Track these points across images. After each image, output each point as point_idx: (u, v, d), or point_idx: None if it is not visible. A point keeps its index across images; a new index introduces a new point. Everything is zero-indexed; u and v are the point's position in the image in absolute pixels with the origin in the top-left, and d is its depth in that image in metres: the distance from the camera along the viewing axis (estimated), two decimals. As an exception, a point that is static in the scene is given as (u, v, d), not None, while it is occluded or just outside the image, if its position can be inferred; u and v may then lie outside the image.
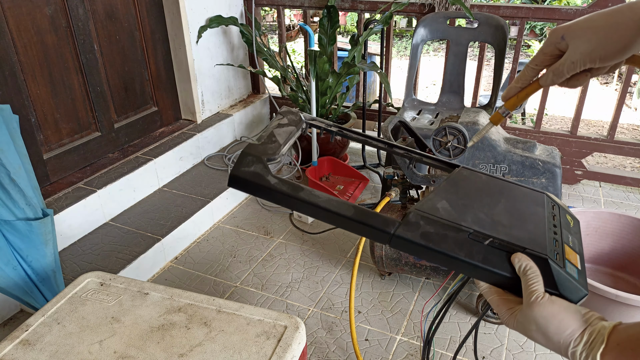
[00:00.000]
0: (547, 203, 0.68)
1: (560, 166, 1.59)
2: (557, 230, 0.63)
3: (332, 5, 2.56)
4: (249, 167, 0.70)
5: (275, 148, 0.75)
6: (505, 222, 0.63)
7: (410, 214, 0.62)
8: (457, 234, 0.60)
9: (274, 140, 0.77)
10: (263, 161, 0.71)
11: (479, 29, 2.33)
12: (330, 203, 0.65)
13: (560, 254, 0.59)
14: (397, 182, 1.83)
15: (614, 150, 2.55)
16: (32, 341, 1.14)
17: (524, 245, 0.58)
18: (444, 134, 1.58)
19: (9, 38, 1.88)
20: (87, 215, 2.10)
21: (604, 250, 2.01)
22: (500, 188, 0.71)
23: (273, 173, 0.70)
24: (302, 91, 2.80)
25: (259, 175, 0.69)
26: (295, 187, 0.67)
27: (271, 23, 8.05)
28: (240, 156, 0.72)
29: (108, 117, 2.39)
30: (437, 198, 0.66)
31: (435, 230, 0.61)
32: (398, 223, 0.62)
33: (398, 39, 7.85)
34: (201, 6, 2.68)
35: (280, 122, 0.83)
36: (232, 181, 0.70)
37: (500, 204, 0.67)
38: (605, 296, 1.59)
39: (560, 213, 0.68)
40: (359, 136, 0.88)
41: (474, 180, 0.73)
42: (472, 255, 0.59)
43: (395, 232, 0.61)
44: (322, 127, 0.88)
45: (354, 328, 1.67)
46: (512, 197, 0.69)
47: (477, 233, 0.60)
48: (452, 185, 0.71)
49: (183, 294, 1.27)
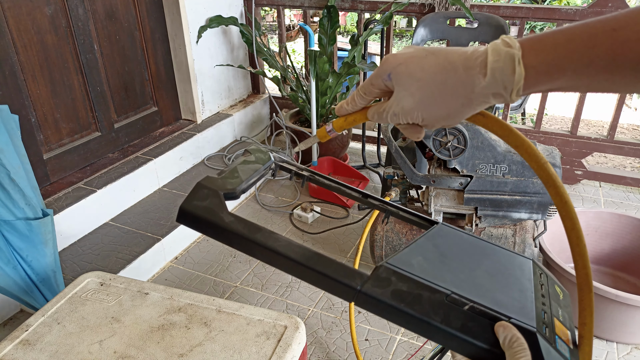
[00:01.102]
0: (534, 270, 0.61)
1: (560, 166, 1.59)
2: (545, 302, 0.56)
3: (332, 5, 2.56)
4: (203, 202, 0.61)
5: (235, 183, 0.66)
6: (489, 286, 0.56)
7: (381, 268, 0.55)
8: (433, 295, 0.52)
9: (236, 175, 0.68)
10: (220, 195, 0.62)
11: (479, 29, 2.33)
12: (289, 249, 0.57)
13: (550, 328, 0.52)
14: (397, 182, 1.83)
15: (614, 150, 2.55)
16: (32, 341, 1.14)
17: (509, 315, 0.50)
18: (444, 134, 1.58)
19: (9, 38, 1.88)
20: (87, 215, 2.10)
21: (604, 250, 2.01)
22: (483, 250, 0.64)
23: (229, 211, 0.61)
24: (302, 91, 2.80)
25: (211, 211, 0.60)
26: (253, 228, 0.59)
27: (271, 23, 8.05)
28: (194, 188, 0.63)
29: (108, 117, 2.39)
30: (412, 253, 0.59)
31: (408, 289, 0.53)
32: (366, 277, 0.54)
33: (398, 39, 7.85)
34: (201, 6, 2.68)
35: (246, 159, 0.74)
36: (181, 216, 0.61)
37: (482, 266, 0.60)
38: (605, 296, 1.59)
39: (549, 283, 0.61)
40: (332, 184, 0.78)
41: (455, 239, 0.66)
42: (448, 322, 0.51)
43: (362, 288, 0.53)
44: (293, 171, 0.79)
45: (354, 328, 1.67)
46: (496, 260, 0.62)
47: (456, 296, 0.52)
48: (429, 241, 0.64)
49: (183, 294, 1.27)
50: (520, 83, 0.46)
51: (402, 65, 0.51)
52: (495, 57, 0.46)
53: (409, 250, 0.60)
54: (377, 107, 0.56)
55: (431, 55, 0.50)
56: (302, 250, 0.57)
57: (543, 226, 1.73)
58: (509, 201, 1.63)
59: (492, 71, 0.46)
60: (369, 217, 1.75)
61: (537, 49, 0.45)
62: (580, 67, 0.44)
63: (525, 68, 0.45)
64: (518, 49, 0.45)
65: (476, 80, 0.47)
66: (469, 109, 0.50)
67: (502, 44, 0.46)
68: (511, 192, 1.62)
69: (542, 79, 0.46)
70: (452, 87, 0.48)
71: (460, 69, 0.48)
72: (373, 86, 0.54)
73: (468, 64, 0.47)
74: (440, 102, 0.50)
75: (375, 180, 2.78)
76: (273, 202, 2.59)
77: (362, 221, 2.39)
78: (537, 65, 0.45)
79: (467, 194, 1.65)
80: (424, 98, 0.50)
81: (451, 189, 1.68)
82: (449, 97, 0.49)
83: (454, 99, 0.49)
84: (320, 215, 2.46)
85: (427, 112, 0.51)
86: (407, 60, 0.51)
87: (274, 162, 0.76)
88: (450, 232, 0.67)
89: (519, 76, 0.45)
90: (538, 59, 0.45)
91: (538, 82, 0.46)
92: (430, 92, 0.49)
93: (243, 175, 0.68)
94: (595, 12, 2.28)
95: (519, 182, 1.60)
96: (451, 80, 0.48)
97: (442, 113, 0.50)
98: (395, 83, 0.52)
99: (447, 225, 0.69)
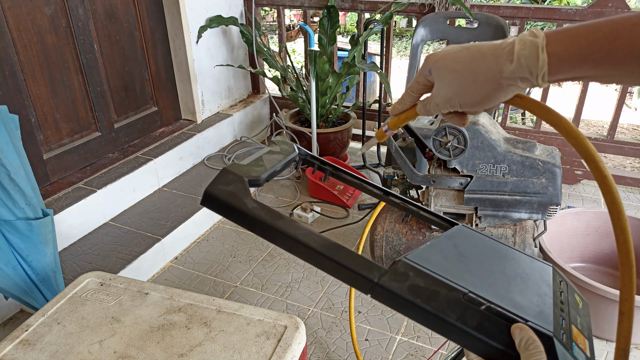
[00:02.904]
0: (554, 277, 0.61)
1: (560, 166, 1.59)
2: (564, 308, 0.55)
3: (332, 5, 2.56)
4: (227, 186, 0.62)
5: (260, 171, 0.67)
6: (507, 288, 0.55)
7: (399, 263, 0.55)
8: (450, 293, 0.52)
9: (261, 164, 0.69)
10: (244, 182, 0.63)
11: (479, 29, 2.33)
12: (310, 237, 0.58)
13: (568, 334, 0.52)
14: (397, 182, 1.83)
15: (614, 150, 2.55)
16: (32, 341, 1.14)
17: (526, 317, 0.50)
18: (444, 134, 1.58)
19: (9, 38, 1.88)
20: (87, 215, 2.10)
21: (604, 250, 2.01)
22: (503, 253, 0.64)
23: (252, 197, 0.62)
24: (302, 91, 2.80)
25: (235, 196, 0.61)
26: (275, 215, 0.60)
27: (271, 23, 8.04)
28: (220, 173, 0.64)
29: (108, 117, 2.39)
30: (431, 250, 0.60)
31: (426, 285, 0.53)
32: (384, 271, 0.55)
33: (398, 39, 7.85)
34: (201, 6, 2.68)
35: (272, 149, 0.75)
36: (205, 199, 0.62)
37: (501, 269, 0.60)
38: (605, 296, 1.59)
39: (569, 291, 0.60)
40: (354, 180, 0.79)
41: (475, 241, 0.65)
42: (464, 320, 0.51)
43: (379, 280, 0.54)
44: (316, 165, 0.80)
45: (354, 328, 1.67)
46: (516, 264, 0.62)
47: (474, 295, 0.52)
48: (449, 240, 0.64)
49: (183, 294, 1.27)
50: (545, 69, 0.50)
51: (439, 61, 0.57)
52: (522, 46, 0.51)
53: (428, 248, 0.60)
54: (422, 101, 0.63)
55: (464, 49, 0.57)
56: (321, 240, 0.58)
57: (543, 226, 1.73)
58: (509, 201, 1.63)
59: (518, 57, 0.51)
60: (369, 217, 1.75)
61: (560, 39, 0.50)
62: (601, 57, 0.48)
63: (548, 55, 0.50)
64: (542, 39, 0.50)
65: (504, 66, 0.52)
66: (500, 92, 0.55)
67: (529, 34, 0.51)
68: (511, 192, 1.62)
69: (564, 66, 0.50)
70: (483, 73, 0.54)
71: (489, 57, 0.53)
72: (418, 83, 0.61)
73: (497, 52, 0.53)
74: (473, 89, 0.55)
75: (375, 180, 2.78)
76: (273, 202, 2.59)
77: (362, 221, 2.40)
78: (559, 53, 0.49)
79: (467, 194, 1.65)
80: (459, 86, 0.56)
81: (451, 189, 1.68)
82: (481, 83, 0.54)
83: (486, 84, 0.54)
84: (320, 215, 2.46)
85: (464, 98, 0.56)
86: (443, 56, 0.57)
87: (298, 154, 0.77)
88: (470, 234, 0.67)
89: (543, 62, 0.50)
90: (560, 47, 0.49)
91: (561, 69, 0.50)
92: (464, 81, 0.55)
93: (268, 164, 0.70)
94: (595, 12, 2.28)
95: (519, 182, 1.60)
96: (482, 68, 0.54)
97: (477, 98, 0.56)
98: (435, 77, 0.58)
99: (468, 227, 0.70)
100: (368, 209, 2.50)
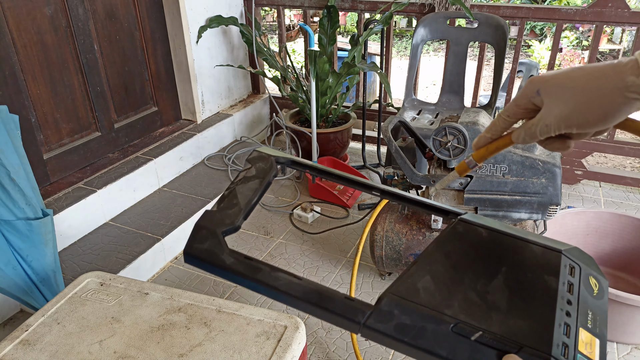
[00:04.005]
0: (563, 267, 0.56)
1: (560, 166, 1.59)
2: (571, 310, 0.53)
3: (332, 5, 2.56)
4: (202, 244, 0.62)
5: (234, 214, 0.65)
6: (503, 303, 0.53)
7: (384, 300, 0.54)
8: (438, 327, 0.51)
9: (235, 202, 0.67)
10: (218, 236, 0.62)
11: (479, 29, 2.33)
12: (291, 287, 0.57)
13: (572, 346, 0.49)
14: (397, 182, 1.83)
15: (614, 150, 2.55)
16: (32, 341, 1.14)
17: (521, 342, 0.48)
18: (444, 134, 1.58)
19: (9, 38, 1.89)
20: (87, 215, 2.10)
21: (604, 250, 2.01)
22: (504, 249, 0.59)
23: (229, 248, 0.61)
24: (302, 91, 2.80)
25: (212, 253, 0.61)
26: (253, 269, 0.59)
27: (271, 23, 8.05)
28: (194, 229, 0.63)
29: (108, 117, 2.39)
30: (420, 272, 0.57)
31: (412, 322, 0.52)
32: (369, 311, 0.54)
33: (398, 39, 7.85)
34: (201, 6, 2.68)
35: (246, 174, 0.71)
36: (186, 259, 0.62)
37: (500, 274, 0.56)
38: (605, 296, 1.58)
39: (582, 277, 0.56)
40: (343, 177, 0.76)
41: (472, 239, 0.61)
42: (454, 355, 0.49)
43: (365, 322, 0.53)
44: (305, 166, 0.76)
45: (354, 328, 1.67)
46: (519, 263, 0.58)
47: (463, 324, 0.50)
48: (442, 247, 0.60)
49: (183, 294, 1.27)
50: None
51: (550, 81, 0.55)
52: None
53: (417, 267, 0.58)
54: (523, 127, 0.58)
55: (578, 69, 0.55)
56: (302, 288, 0.57)
57: (543, 226, 1.73)
58: (509, 201, 1.63)
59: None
60: (369, 217, 1.75)
61: None
62: None
63: None
64: None
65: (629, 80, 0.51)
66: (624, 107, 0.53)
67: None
68: (511, 192, 1.62)
69: None
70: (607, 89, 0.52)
71: (611, 74, 0.52)
72: (518, 107, 0.58)
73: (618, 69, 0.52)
74: (597, 106, 0.53)
75: (375, 180, 2.78)
76: (273, 202, 2.59)
77: (362, 221, 2.40)
78: None
79: (467, 194, 1.65)
80: (578, 104, 0.54)
81: (451, 189, 1.68)
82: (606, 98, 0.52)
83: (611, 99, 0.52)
84: (320, 215, 2.46)
85: (584, 116, 0.54)
86: (553, 76, 0.56)
87: (277, 170, 0.74)
88: (470, 230, 0.62)
89: None
90: None
91: None
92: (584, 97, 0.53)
93: (242, 200, 0.67)
94: (595, 12, 2.28)
95: (519, 182, 1.60)
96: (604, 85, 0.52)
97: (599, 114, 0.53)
98: (545, 96, 0.55)
99: (468, 220, 0.63)
100: (368, 209, 2.50)
